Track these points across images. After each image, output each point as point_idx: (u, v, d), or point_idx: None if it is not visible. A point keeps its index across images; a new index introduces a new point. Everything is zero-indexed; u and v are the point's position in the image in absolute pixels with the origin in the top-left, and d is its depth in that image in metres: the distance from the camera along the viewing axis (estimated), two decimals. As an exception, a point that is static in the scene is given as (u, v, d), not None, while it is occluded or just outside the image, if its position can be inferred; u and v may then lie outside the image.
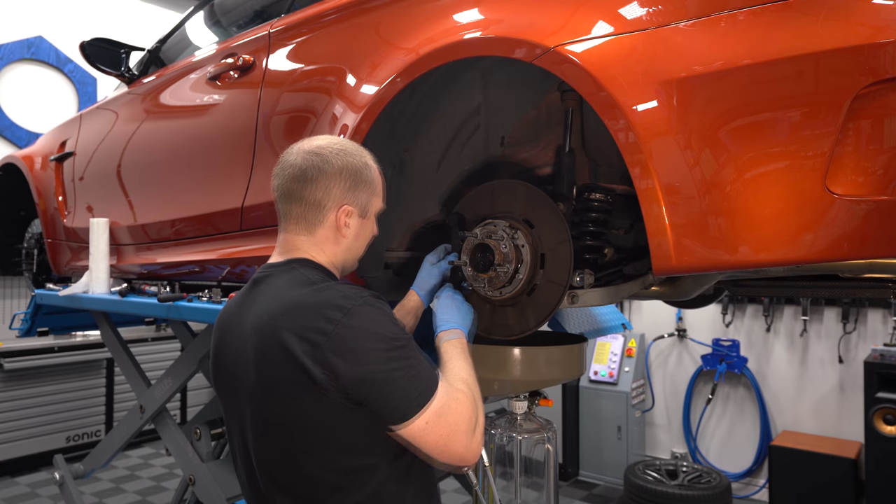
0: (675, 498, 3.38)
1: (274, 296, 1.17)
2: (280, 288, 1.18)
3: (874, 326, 3.89)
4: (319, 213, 1.25)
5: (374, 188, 1.30)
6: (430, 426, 1.10)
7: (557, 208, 1.38)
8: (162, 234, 2.35)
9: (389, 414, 1.09)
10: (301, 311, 1.11)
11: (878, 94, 0.94)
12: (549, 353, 1.55)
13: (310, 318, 1.09)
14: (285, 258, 1.27)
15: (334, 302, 1.11)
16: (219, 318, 1.31)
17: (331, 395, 1.08)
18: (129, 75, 2.68)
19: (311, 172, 1.23)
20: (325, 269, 1.26)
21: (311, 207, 1.24)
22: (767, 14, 1.02)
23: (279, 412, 1.13)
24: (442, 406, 1.11)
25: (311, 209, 1.24)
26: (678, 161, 1.04)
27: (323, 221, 1.25)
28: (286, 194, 1.26)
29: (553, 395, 3.95)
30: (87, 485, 4.22)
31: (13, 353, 4.46)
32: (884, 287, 1.95)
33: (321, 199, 1.24)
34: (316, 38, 1.81)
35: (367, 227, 1.32)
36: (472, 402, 1.17)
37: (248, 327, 1.18)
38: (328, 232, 1.26)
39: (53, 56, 5.30)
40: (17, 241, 3.69)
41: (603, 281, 1.55)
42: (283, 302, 1.14)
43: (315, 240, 1.26)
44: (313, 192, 1.23)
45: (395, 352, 1.10)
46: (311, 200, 1.24)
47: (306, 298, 1.13)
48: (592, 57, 1.14)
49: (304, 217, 1.25)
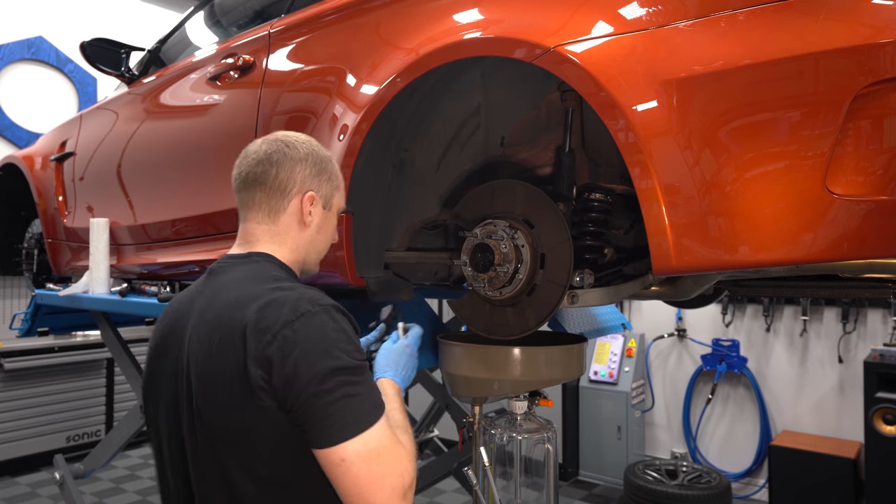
0: (675, 498, 3.38)
1: (232, 289, 1.12)
2: (239, 281, 1.13)
3: (874, 326, 3.89)
4: (283, 198, 1.21)
5: (338, 182, 1.29)
6: (349, 463, 0.98)
7: (557, 208, 1.38)
8: (162, 234, 2.35)
9: (316, 433, 0.99)
10: (257, 307, 1.04)
11: (877, 94, 0.94)
12: (549, 354, 1.55)
13: (263, 315, 1.03)
14: (246, 250, 1.22)
15: (292, 303, 1.04)
16: (169, 308, 1.24)
17: (265, 400, 1.00)
18: (130, 75, 2.68)
19: (276, 156, 1.21)
20: (287, 268, 1.22)
21: (274, 192, 1.21)
22: (767, 14, 1.02)
23: (218, 413, 1.05)
24: (375, 448, 0.99)
25: (275, 194, 1.21)
26: (678, 161, 1.04)
27: (287, 208, 1.22)
28: (248, 180, 1.22)
29: (553, 395, 3.95)
30: (87, 485, 4.22)
31: (13, 353, 4.46)
32: (884, 287, 1.95)
33: (285, 183, 1.21)
34: (316, 38, 1.81)
35: (329, 222, 1.29)
36: (411, 462, 1.04)
37: (203, 320, 1.11)
38: (291, 220, 1.22)
39: (53, 56, 5.30)
40: (17, 241, 3.69)
41: (603, 281, 1.55)
42: (240, 295, 1.09)
43: (278, 229, 1.22)
44: (278, 176, 1.20)
45: (341, 371, 1.00)
46: (275, 184, 1.20)
47: (264, 295, 1.07)
48: (592, 57, 1.14)
49: (268, 203, 1.21)
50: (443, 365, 1.62)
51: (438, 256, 1.71)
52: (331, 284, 1.62)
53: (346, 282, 1.53)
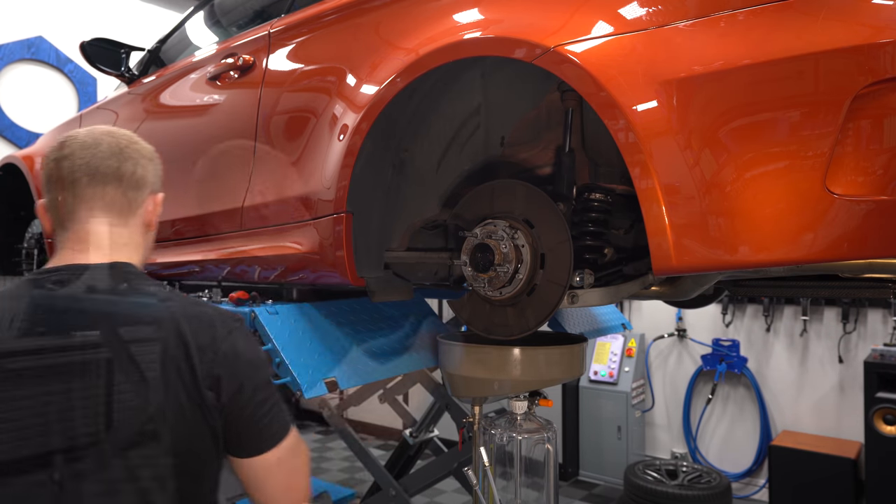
0: (675, 498, 3.38)
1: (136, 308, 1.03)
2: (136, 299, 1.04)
3: (874, 326, 3.89)
4: (138, 195, 1.10)
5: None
6: (284, 459, 1.06)
7: (557, 208, 1.38)
8: (162, 233, 2.35)
9: (257, 439, 1.04)
10: (194, 322, 1.02)
11: (877, 94, 0.94)
12: (549, 354, 1.55)
13: (204, 330, 1.01)
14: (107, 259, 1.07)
15: (221, 317, 1.06)
16: None
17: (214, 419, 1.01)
18: (129, 75, 2.68)
19: (130, 151, 1.10)
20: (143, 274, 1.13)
21: (130, 187, 1.08)
22: (767, 14, 1.02)
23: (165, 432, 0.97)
24: (295, 445, 1.09)
25: (131, 189, 1.09)
26: (678, 161, 1.04)
27: (139, 208, 1.11)
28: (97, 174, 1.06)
29: (553, 395, 3.95)
30: (87, 485, 4.21)
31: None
32: (884, 287, 1.95)
33: (141, 179, 1.10)
34: (316, 38, 1.81)
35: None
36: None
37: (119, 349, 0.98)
38: (139, 221, 1.12)
39: (53, 56, 5.30)
40: (17, 241, 3.68)
41: (603, 281, 1.55)
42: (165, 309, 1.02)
43: (128, 231, 1.10)
44: (135, 172, 1.09)
45: (269, 381, 1.08)
46: (131, 182, 1.08)
47: (190, 308, 1.05)
48: (592, 57, 1.14)
49: (121, 201, 1.08)
50: (442, 365, 1.62)
51: (438, 256, 1.71)
52: (331, 284, 1.62)
53: (346, 282, 1.53)
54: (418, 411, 3.55)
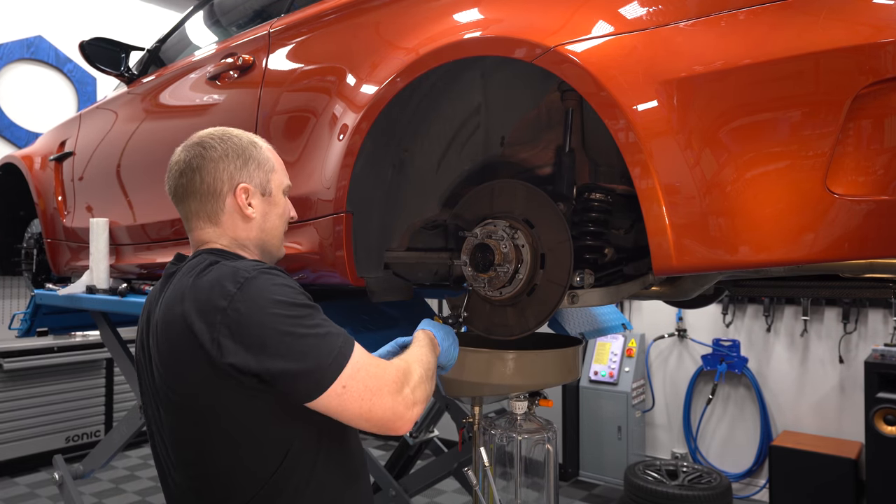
0: (675, 498, 3.38)
1: (176, 285, 1.13)
2: (182, 275, 1.14)
3: (874, 326, 3.89)
4: (217, 200, 1.21)
5: (268, 165, 1.27)
6: (347, 391, 1.03)
7: (557, 208, 1.38)
8: (161, 233, 2.35)
9: (303, 388, 1.02)
10: (196, 292, 1.06)
11: (878, 94, 0.94)
12: (542, 358, 1.53)
13: (205, 297, 1.04)
14: (195, 251, 1.23)
15: (227, 276, 1.05)
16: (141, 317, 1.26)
17: (232, 378, 1.02)
18: (129, 75, 2.67)
19: (196, 162, 1.20)
20: (232, 253, 1.21)
21: (206, 198, 1.20)
22: (768, 14, 1.02)
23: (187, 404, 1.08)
24: (359, 368, 1.05)
25: (208, 199, 1.20)
26: (678, 161, 1.04)
27: (224, 208, 1.21)
28: (178, 193, 1.22)
29: (553, 395, 3.95)
30: (87, 485, 4.22)
31: (13, 353, 4.46)
32: (884, 287, 1.95)
33: (213, 186, 1.20)
34: (316, 37, 1.80)
35: (275, 206, 1.27)
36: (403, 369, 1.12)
37: (155, 321, 1.14)
38: (233, 217, 1.22)
39: (53, 56, 5.30)
40: (17, 241, 3.68)
41: (603, 281, 1.55)
42: (181, 288, 1.10)
43: (223, 229, 1.22)
44: (203, 181, 1.20)
45: (299, 319, 1.04)
46: (203, 190, 1.20)
47: (201, 278, 1.08)
48: (592, 57, 1.14)
49: (204, 210, 1.21)
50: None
51: (438, 256, 1.71)
52: (331, 284, 1.61)
53: (346, 282, 1.52)
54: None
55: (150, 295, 1.25)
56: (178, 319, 1.06)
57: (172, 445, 1.14)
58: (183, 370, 1.06)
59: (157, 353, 1.11)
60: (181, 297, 1.08)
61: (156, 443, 1.21)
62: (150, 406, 1.20)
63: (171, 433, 1.14)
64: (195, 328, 1.03)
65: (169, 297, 1.12)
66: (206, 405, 1.06)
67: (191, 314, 1.04)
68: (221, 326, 1.01)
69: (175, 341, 1.07)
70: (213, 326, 1.02)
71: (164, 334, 1.09)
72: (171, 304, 1.09)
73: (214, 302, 1.03)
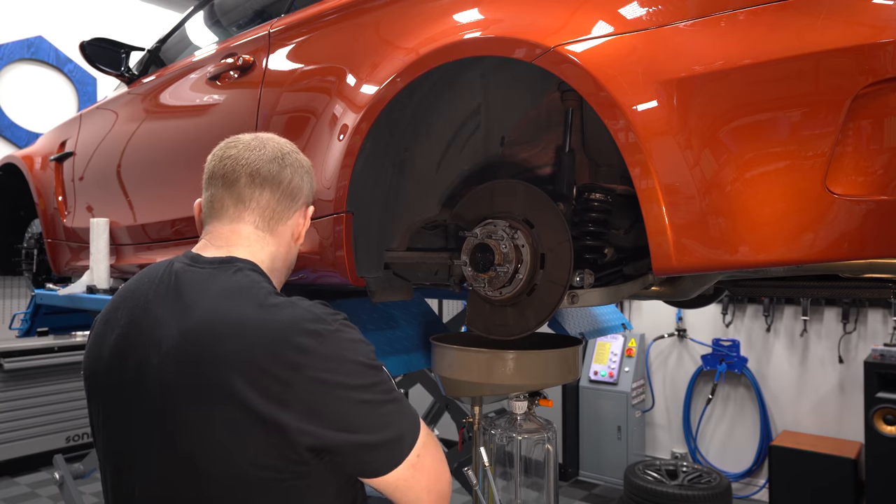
0: (675, 498, 3.38)
1: (214, 307, 0.92)
2: (221, 296, 0.93)
3: (874, 326, 3.89)
4: (291, 206, 1.10)
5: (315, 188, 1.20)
6: (421, 461, 0.93)
7: (557, 208, 1.38)
8: (162, 234, 2.35)
9: (380, 460, 0.90)
10: (258, 337, 0.88)
11: (878, 94, 0.94)
12: (541, 357, 1.53)
13: (271, 346, 0.87)
14: (225, 254, 1.03)
15: (303, 326, 0.89)
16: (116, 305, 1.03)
17: (287, 448, 0.85)
18: (129, 75, 2.68)
19: (291, 159, 1.09)
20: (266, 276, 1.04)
21: (285, 197, 1.08)
22: (767, 14, 1.02)
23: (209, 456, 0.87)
24: (427, 432, 0.96)
25: (286, 199, 1.08)
26: (678, 161, 1.04)
27: (289, 218, 1.10)
28: (257, 175, 1.05)
29: (553, 395, 3.95)
30: (87, 485, 4.22)
31: (13, 353, 4.46)
32: (884, 287, 1.95)
33: (297, 189, 1.10)
34: (316, 38, 1.81)
35: (306, 225, 1.19)
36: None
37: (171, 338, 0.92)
38: (287, 232, 1.10)
39: (53, 56, 5.30)
40: (17, 241, 3.69)
41: (603, 281, 1.55)
42: (229, 320, 0.90)
43: (272, 239, 1.08)
44: (293, 181, 1.09)
45: (380, 387, 0.91)
46: (288, 190, 1.08)
47: (263, 318, 0.90)
48: (592, 57, 1.14)
49: (275, 207, 1.07)
50: (435, 366, 1.62)
51: (438, 256, 1.71)
52: (330, 284, 1.62)
53: (346, 282, 1.53)
54: (418, 411, 3.55)
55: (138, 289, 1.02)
56: (218, 360, 0.87)
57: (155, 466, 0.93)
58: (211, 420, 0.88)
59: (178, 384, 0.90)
60: (226, 334, 0.89)
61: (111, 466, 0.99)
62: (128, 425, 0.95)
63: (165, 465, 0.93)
64: (241, 381, 0.86)
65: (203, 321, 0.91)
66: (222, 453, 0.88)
67: (240, 363, 0.86)
68: (292, 388, 0.86)
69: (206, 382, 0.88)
70: (280, 384, 0.85)
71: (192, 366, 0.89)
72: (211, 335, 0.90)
73: (286, 358, 0.86)
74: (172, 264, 1.03)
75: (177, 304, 0.95)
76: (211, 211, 1.09)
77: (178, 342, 0.91)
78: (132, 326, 0.98)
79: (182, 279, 0.98)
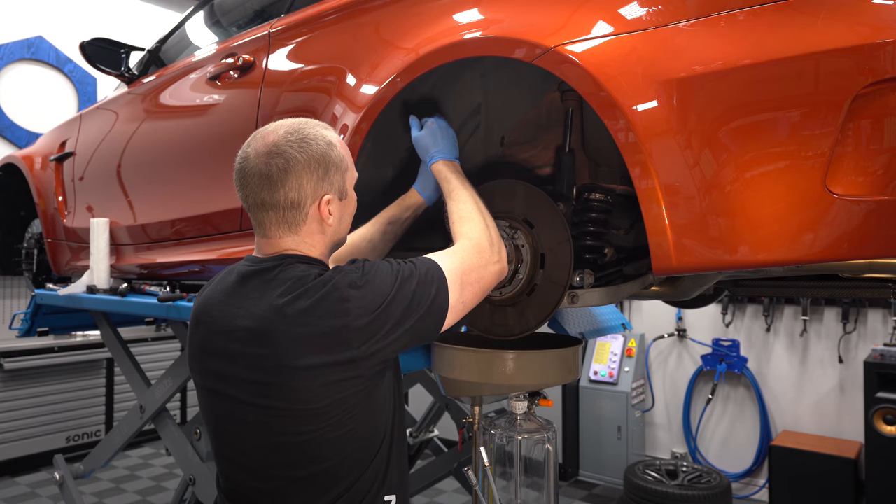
0: (675, 498, 3.38)
1: (276, 295, 1.12)
2: (282, 283, 1.13)
3: (874, 326, 3.89)
4: (299, 212, 1.18)
5: (345, 165, 1.22)
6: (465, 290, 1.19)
7: (557, 208, 1.38)
8: (162, 234, 2.35)
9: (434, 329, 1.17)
10: (318, 308, 1.09)
11: (878, 94, 0.94)
12: (541, 357, 1.53)
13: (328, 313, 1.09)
14: (276, 253, 1.20)
15: (347, 281, 1.11)
16: (199, 311, 1.24)
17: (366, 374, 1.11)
18: (129, 75, 2.68)
19: (277, 175, 1.15)
20: (320, 262, 1.21)
21: (288, 210, 1.17)
22: (767, 14, 1.02)
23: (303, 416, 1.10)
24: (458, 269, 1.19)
25: (290, 212, 1.17)
26: (678, 161, 1.04)
27: (305, 218, 1.19)
28: (258, 205, 1.18)
29: (553, 395, 3.95)
30: (87, 485, 4.22)
31: (13, 353, 4.46)
32: (884, 287, 1.95)
33: (296, 199, 1.17)
34: (316, 38, 1.81)
35: (349, 206, 1.27)
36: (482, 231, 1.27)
37: (245, 327, 1.13)
38: (312, 225, 1.20)
39: (53, 56, 5.30)
40: (17, 241, 3.69)
41: (603, 281, 1.55)
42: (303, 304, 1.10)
43: (301, 237, 1.20)
44: (286, 195, 1.16)
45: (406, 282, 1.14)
46: (286, 204, 1.17)
47: (318, 293, 1.10)
48: (592, 57, 1.14)
49: (285, 220, 1.18)
50: (434, 366, 1.62)
51: (438, 256, 1.70)
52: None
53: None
54: (418, 411, 3.55)
55: (211, 299, 1.23)
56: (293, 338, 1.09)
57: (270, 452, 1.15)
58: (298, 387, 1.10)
59: (254, 360, 1.12)
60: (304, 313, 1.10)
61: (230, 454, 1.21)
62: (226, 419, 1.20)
63: (268, 438, 1.14)
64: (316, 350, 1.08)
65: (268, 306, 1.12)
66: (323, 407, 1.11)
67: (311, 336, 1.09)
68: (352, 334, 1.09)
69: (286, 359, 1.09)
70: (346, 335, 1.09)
71: (274, 342, 1.10)
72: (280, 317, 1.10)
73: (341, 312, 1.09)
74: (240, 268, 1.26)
75: (244, 297, 1.18)
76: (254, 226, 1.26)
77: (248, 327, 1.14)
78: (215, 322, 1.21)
79: (245, 278, 1.20)
